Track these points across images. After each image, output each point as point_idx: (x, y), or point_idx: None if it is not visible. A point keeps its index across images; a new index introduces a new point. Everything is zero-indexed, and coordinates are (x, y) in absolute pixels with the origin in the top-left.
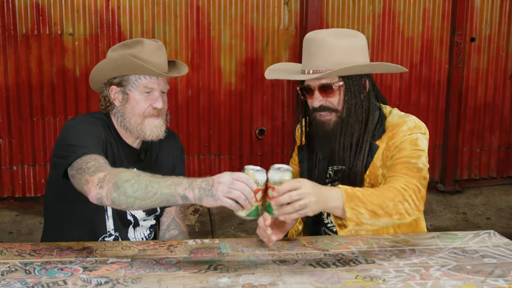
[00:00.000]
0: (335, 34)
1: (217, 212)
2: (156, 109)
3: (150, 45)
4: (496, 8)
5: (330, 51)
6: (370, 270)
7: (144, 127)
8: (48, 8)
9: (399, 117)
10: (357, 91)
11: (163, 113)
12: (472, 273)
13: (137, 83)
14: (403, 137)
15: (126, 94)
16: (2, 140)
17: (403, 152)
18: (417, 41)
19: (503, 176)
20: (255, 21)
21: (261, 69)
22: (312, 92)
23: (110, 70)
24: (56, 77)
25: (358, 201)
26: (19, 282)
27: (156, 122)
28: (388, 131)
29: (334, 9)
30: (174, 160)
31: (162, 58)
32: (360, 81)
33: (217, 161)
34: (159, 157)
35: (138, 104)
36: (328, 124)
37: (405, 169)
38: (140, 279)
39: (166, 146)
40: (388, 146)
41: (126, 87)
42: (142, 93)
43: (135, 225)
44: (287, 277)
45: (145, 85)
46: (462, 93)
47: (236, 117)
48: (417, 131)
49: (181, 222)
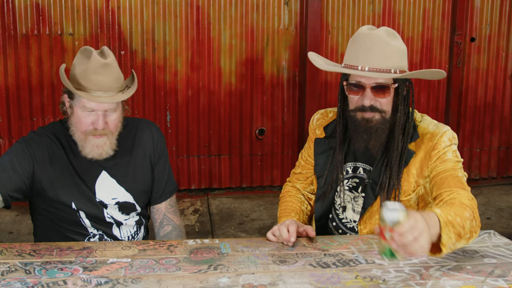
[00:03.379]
0: (390, 34)
1: (217, 212)
2: (97, 129)
3: (95, 63)
4: (496, 8)
5: (387, 51)
6: (370, 270)
7: (85, 143)
8: (48, 8)
9: (435, 126)
10: (405, 95)
11: (109, 132)
12: (472, 273)
13: (78, 100)
14: (445, 148)
15: (72, 108)
16: (2, 140)
17: (448, 164)
18: (417, 41)
19: (503, 176)
20: (255, 21)
21: (261, 69)
22: (362, 90)
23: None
24: (56, 77)
25: (451, 226)
26: (19, 282)
27: (97, 141)
28: (424, 139)
29: (334, 9)
30: (152, 158)
31: (108, 77)
32: (406, 83)
33: (217, 161)
34: (133, 155)
35: (79, 121)
36: (371, 121)
37: (459, 183)
38: (140, 279)
39: (140, 142)
40: (429, 156)
41: (72, 101)
42: (83, 111)
43: (118, 224)
44: (287, 277)
45: (84, 105)
46: (462, 93)
47: (236, 117)
48: (454, 142)
49: (173, 216)
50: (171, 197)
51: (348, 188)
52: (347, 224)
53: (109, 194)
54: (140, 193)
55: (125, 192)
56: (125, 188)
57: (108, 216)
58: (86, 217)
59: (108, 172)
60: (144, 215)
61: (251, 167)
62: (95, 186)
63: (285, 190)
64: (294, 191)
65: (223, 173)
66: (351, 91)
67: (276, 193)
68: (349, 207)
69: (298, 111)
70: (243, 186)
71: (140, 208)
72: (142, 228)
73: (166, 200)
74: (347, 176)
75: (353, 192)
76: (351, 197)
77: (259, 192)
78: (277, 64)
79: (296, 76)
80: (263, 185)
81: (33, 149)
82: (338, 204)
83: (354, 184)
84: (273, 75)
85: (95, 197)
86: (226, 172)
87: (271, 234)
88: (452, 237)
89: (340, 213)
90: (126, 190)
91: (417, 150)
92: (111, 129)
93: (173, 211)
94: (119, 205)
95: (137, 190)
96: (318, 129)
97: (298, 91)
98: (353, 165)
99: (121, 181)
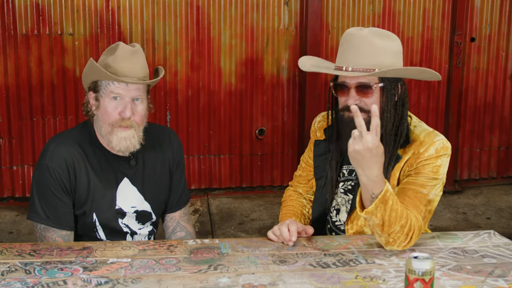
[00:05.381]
0: (377, 34)
1: (217, 212)
2: (124, 119)
3: (122, 50)
4: (496, 8)
5: (372, 50)
6: (370, 270)
7: (112, 137)
8: (48, 8)
9: (427, 134)
10: (393, 95)
11: (135, 124)
12: (472, 273)
13: (106, 89)
14: (427, 161)
15: (98, 100)
16: (2, 140)
17: (420, 177)
18: (417, 41)
19: (503, 176)
20: (255, 21)
21: (261, 69)
22: (347, 90)
23: (86, 75)
24: (56, 77)
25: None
26: (19, 282)
27: (124, 133)
28: (413, 145)
29: (334, 9)
30: (171, 166)
31: (135, 64)
32: (397, 85)
33: (217, 161)
34: (154, 163)
35: (106, 112)
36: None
37: (416, 200)
38: (140, 279)
39: (161, 150)
40: (410, 162)
41: (99, 93)
42: (111, 100)
43: (132, 234)
44: (287, 277)
45: (112, 91)
46: (462, 93)
47: (236, 117)
48: (444, 152)
49: (186, 224)
50: (186, 206)
51: (343, 191)
52: (340, 226)
53: (129, 202)
54: (158, 202)
55: (144, 201)
56: (144, 197)
57: (124, 225)
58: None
59: (130, 180)
60: (156, 225)
61: (251, 167)
62: (116, 194)
63: (287, 195)
64: (296, 195)
65: (223, 173)
66: (338, 91)
67: (276, 193)
68: (343, 209)
69: (298, 111)
70: (243, 186)
71: (155, 217)
72: (152, 238)
73: (181, 209)
74: (342, 178)
75: (347, 195)
76: (345, 200)
77: (259, 192)
78: (277, 64)
79: (296, 76)
80: (263, 185)
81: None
82: (332, 206)
83: (350, 187)
84: (273, 75)
85: (115, 205)
86: (226, 172)
87: (272, 234)
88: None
89: (334, 215)
90: (145, 199)
91: (404, 155)
92: (137, 121)
93: (187, 219)
94: (137, 214)
95: (156, 199)
96: (319, 132)
97: (298, 91)
98: (349, 168)
99: (141, 190)
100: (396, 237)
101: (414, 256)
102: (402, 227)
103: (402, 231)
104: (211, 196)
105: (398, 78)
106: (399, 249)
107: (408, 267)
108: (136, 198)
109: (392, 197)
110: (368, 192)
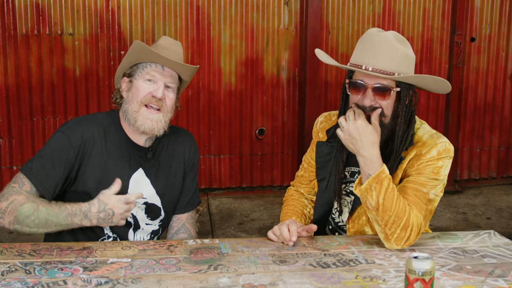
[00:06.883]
0: (399, 39)
1: (217, 212)
2: (155, 98)
3: (166, 39)
4: (496, 8)
5: (394, 54)
6: (370, 270)
7: (138, 115)
8: (48, 8)
9: (430, 137)
10: (406, 100)
11: (165, 109)
12: (472, 273)
13: (142, 71)
14: (429, 162)
15: (132, 82)
16: (2, 140)
17: (420, 177)
18: (417, 41)
19: (503, 176)
20: (255, 21)
21: (261, 69)
22: (363, 89)
23: (125, 60)
24: (56, 77)
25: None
26: (19, 282)
27: (151, 115)
28: (415, 147)
29: (334, 9)
30: (186, 167)
31: (175, 54)
32: (409, 91)
33: (217, 161)
34: (169, 160)
35: (138, 90)
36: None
37: (416, 198)
38: (140, 279)
39: (178, 150)
40: (412, 163)
41: (133, 76)
42: (145, 81)
43: (136, 228)
44: (287, 277)
45: (148, 72)
46: (462, 93)
47: (236, 117)
48: (446, 154)
49: (190, 227)
50: (193, 209)
51: (346, 193)
52: (343, 227)
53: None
54: (168, 199)
55: (155, 194)
56: (156, 190)
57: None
58: None
59: (145, 171)
60: (163, 226)
61: (251, 167)
62: (129, 181)
63: (288, 194)
64: (297, 195)
65: (223, 173)
66: (352, 89)
67: (276, 193)
68: (345, 210)
69: (298, 111)
70: (243, 186)
71: (164, 214)
72: (155, 238)
73: (189, 212)
74: (346, 180)
75: (350, 196)
76: (348, 201)
77: (259, 192)
78: (277, 64)
79: (296, 76)
80: (263, 185)
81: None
82: (335, 208)
83: (351, 189)
84: (273, 75)
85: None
86: (226, 172)
87: (272, 234)
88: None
89: (336, 216)
90: (156, 193)
91: (407, 156)
92: (167, 105)
93: (192, 223)
94: (146, 206)
95: (167, 196)
96: (321, 133)
97: (298, 91)
98: (351, 170)
99: (154, 182)
100: (393, 229)
101: (414, 256)
102: (398, 218)
103: (399, 222)
104: (211, 196)
105: (411, 85)
106: (398, 247)
107: (408, 267)
108: (148, 190)
109: (388, 181)
110: (365, 173)
